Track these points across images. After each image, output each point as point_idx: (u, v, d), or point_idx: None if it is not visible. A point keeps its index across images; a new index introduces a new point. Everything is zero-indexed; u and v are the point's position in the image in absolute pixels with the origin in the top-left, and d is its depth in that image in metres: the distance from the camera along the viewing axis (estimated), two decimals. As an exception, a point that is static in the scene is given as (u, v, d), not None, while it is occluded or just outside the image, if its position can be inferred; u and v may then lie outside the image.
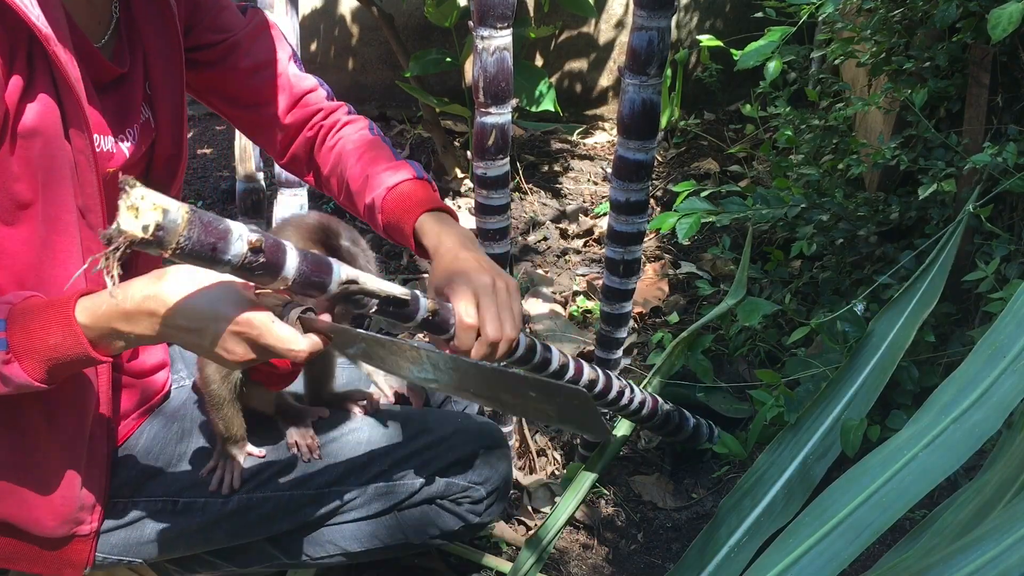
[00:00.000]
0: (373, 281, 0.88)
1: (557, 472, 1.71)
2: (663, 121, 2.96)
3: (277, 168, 1.70)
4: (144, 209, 0.69)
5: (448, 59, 2.64)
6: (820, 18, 1.90)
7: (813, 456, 1.41)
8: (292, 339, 0.84)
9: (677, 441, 1.61)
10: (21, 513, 1.00)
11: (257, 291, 0.87)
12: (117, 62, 1.00)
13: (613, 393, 1.30)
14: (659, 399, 1.48)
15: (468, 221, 2.60)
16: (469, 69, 2.84)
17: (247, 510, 1.10)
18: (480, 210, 1.30)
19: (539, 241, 2.53)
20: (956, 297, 1.61)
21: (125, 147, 1.01)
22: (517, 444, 1.67)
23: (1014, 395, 1.02)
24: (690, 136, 2.97)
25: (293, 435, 1.14)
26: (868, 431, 1.41)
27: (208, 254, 0.74)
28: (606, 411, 1.41)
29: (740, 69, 1.91)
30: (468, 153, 2.84)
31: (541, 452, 1.73)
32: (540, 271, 2.37)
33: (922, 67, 1.68)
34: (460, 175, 2.82)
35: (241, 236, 0.76)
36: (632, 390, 1.38)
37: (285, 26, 1.63)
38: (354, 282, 0.86)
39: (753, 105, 2.30)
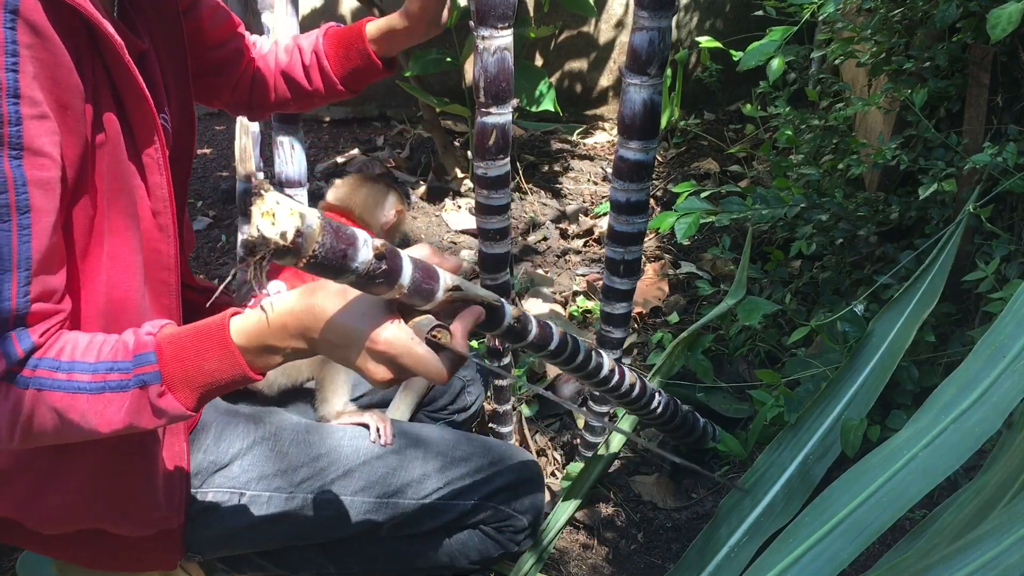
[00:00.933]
0: (471, 287, 0.85)
1: (557, 472, 1.71)
2: (663, 121, 2.96)
3: (277, 168, 1.69)
4: (281, 215, 0.65)
5: (448, 59, 2.64)
6: (820, 18, 1.90)
7: (813, 456, 1.41)
8: (430, 361, 0.80)
9: (687, 442, 1.62)
10: (112, 517, 1.00)
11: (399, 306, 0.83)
12: (137, 36, 0.97)
13: (649, 399, 1.34)
14: (677, 401, 1.49)
15: (469, 221, 2.60)
16: (469, 69, 2.84)
17: (309, 509, 1.10)
18: (481, 210, 1.30)
19: (539, 241, 2.53)
20: (956, 297, 1.61)
21: (169, 129, 1.00)
22: (517, 444, 1.67)
23: (1014, 395, 1.02)
24: (690, 136, 2.97)
25: (374, 417, 1.16)
26: (868, 431, 1.41)
27: (338, 262, 0.70)
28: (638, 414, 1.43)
29: (742, 70, 1.91)
30: (468, 153, 2.84)
31: (541, 452, 1.73)
32: (540, 271, 2.37)
33: (922, 67, 1.68)
34: (460, 175, 2.82)
35: (367, 241, 0.72)
36: (660, 393, 1.40)
37: (285, 26, 1.63)
38: (458, 288, 0.83)
39: (753, 105, 2.30)
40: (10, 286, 0.78)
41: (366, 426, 1.18)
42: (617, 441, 1.60)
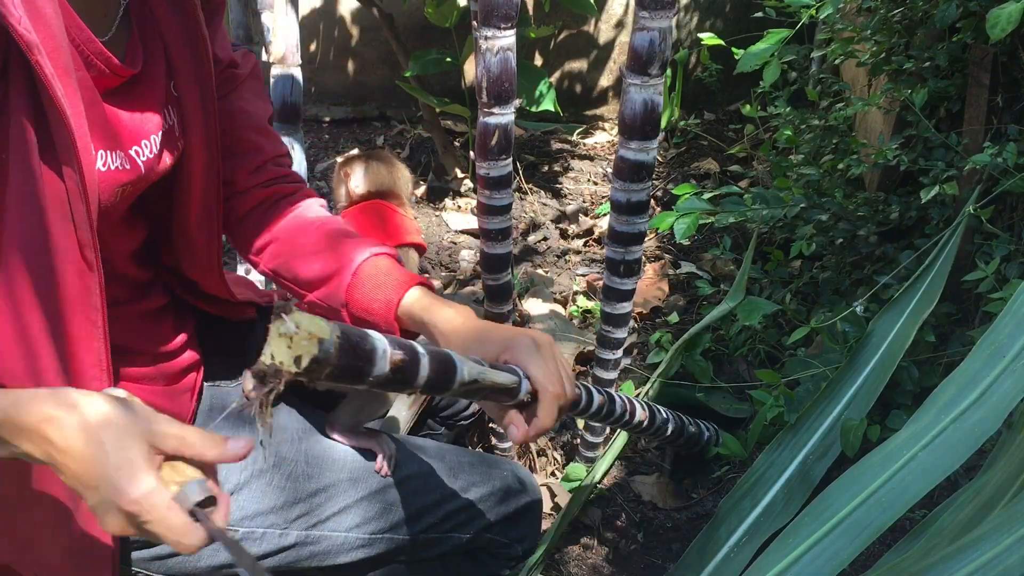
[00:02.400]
0: (488, 374, 0.80)
1: (557, 472, 1.71)
2: (663, 121, 2.96)
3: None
4: (299, 339, 0.61)
5: (448, 59, 2.64)
6: (820, 18, 1.90)
7: (813, 456, 1.41)
8: (184, 531, 0.70)
9: (693, 451, 1.62)
10: (24, 557, 0.90)
11: (167, 459, 0.73)
12: (129, 60, 0.88)
13: (660, 426, 1.37)
14: (684, 418, 1.49)
15: (469, 221, 2.60)
16: (469, 69, 2.84)
17: (302, 546, 1.07)
18: (483, 210, 1.30)
19: (539, 241, 2.53)
20: (956, 297, 1.61)
21: (141, 161, 0.90)
22: (517, 445, 1.67)
23: (1013, 395, 1.02)
24: (690, 136, 2.97)
25: (384, 445, 1.10)
26: (868, 431, 1.41)
27: (350, 378, 0.66)
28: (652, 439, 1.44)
29: (739, 73, 1.91)
30: (468, 153, 2.84)
31: (541, 452, 1.73)
32: (540, 271, 2.37)
33: (922, 67, 1.68)
34: (460, 175, 2.82)
35: (385, 353, 0.68)
36: (669, 418, 1.41)
37: (285, 26, 1.63)
38: (475, 382, 0.78)
39: (753, 105, 2.30)
40: None
41: (372, 452, 1.15)
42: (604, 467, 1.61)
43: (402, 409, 1.33)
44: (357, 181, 1.52)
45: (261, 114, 1.10)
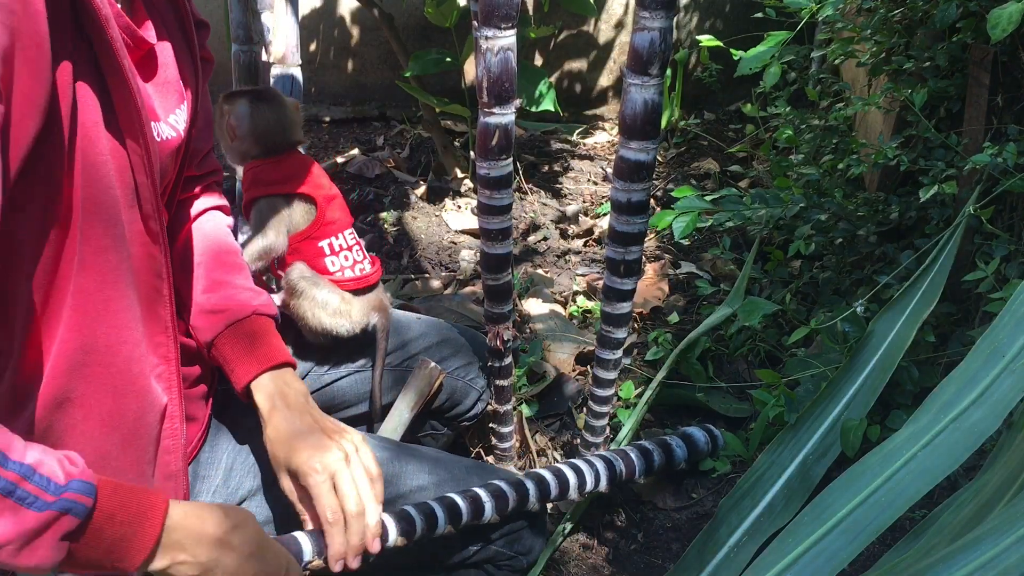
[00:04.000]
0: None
1: (557, 472, 1.71)
2: (663, 121, 2.97)
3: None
4: None
5: (448, 59, 2.64)
6: (820, 18, 1.90)
7: (813, 456, 1.41)
8: None
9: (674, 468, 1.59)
10: None
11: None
12: (145, 31, 0.90)
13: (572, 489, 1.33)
14: (634, 452, 1.45)
15: (469, 221, 2.60)
16: (469, 69, 2.84)
17: None
18: (483, 210, 1.30)
19: (539, 241, 2.53)
20: (956, 297, 1.61)
21: (181, 129, 0.94)
22: (517, 444, 1.67)
23: (1013, 395, 1.02)
24: (690, 136, 2.97)
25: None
26: (868, 431, 1.41)
27: None
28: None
29: (739, 75, 1.92)
30: (468, 153, 2.84)
31: (541, 452, 1.73)
32: (540, 271, 2.37)
33: (922, 67, 1.68)
34: (460, 175, 2.82)
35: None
36: (595, 467, 1.37)
37: (285, 26, 1.63)
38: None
39: (753, 105, 2.30)
40: None
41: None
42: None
43: (405, 412, 1.33)
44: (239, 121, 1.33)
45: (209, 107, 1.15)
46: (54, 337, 0.80)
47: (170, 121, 0.93)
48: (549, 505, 1.57)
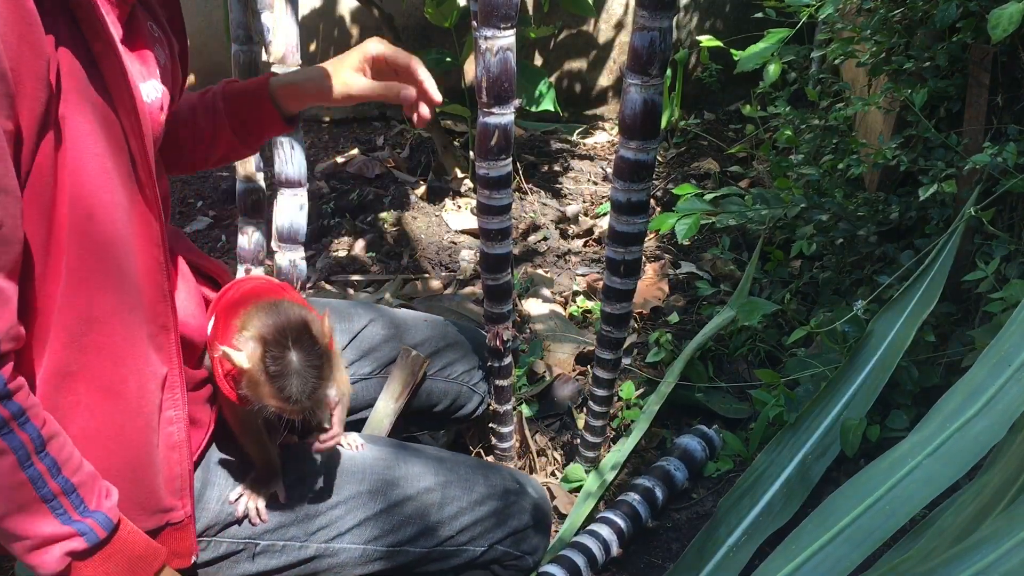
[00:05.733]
0: None
1: (557, 472, 1.70)
2: (663, 121, 2.96)
3: (277, 168, 1.69)
4: None
5: (448, 59, 2.64)
6: (820, 18, 1.90)
7: (812, 456, 1.41)
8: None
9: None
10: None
11: None
12: None
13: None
14: (623, 517, 1.45)
15: (469, 221, 2.60)
16: (469, 69, 2.84)
17: (321, 558, 1.08)
18: (483, 210, 1.30)
19: (539, 241, 2.53)
20: (956, 297, 1.61)
21: (168, 88, 0.94)
22: (517, 444, 1.67)
23: (1019, 403, 1.01)
24: (690, 136, 2.97)
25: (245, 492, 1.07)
26: (867, 431, 1.41)
27: None
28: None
29: (739, 73, 1.91)
30: (468, 153, 2.84)
31: (541, 452, 1.73)
32: (540, 271, 2.37)
33: (922, 67, 1.68)
34: (460, 175, 2.82)
35: None
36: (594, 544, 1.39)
37: (285, 26, 1.63)
38: None
39: (753, 105, 2.30)
40: None
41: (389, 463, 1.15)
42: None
43: (390, 403, 1.32)
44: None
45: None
46: (52, 308, 0.82)
47: (151, 84, 0.92)
48: (552, 506, 1.57)
